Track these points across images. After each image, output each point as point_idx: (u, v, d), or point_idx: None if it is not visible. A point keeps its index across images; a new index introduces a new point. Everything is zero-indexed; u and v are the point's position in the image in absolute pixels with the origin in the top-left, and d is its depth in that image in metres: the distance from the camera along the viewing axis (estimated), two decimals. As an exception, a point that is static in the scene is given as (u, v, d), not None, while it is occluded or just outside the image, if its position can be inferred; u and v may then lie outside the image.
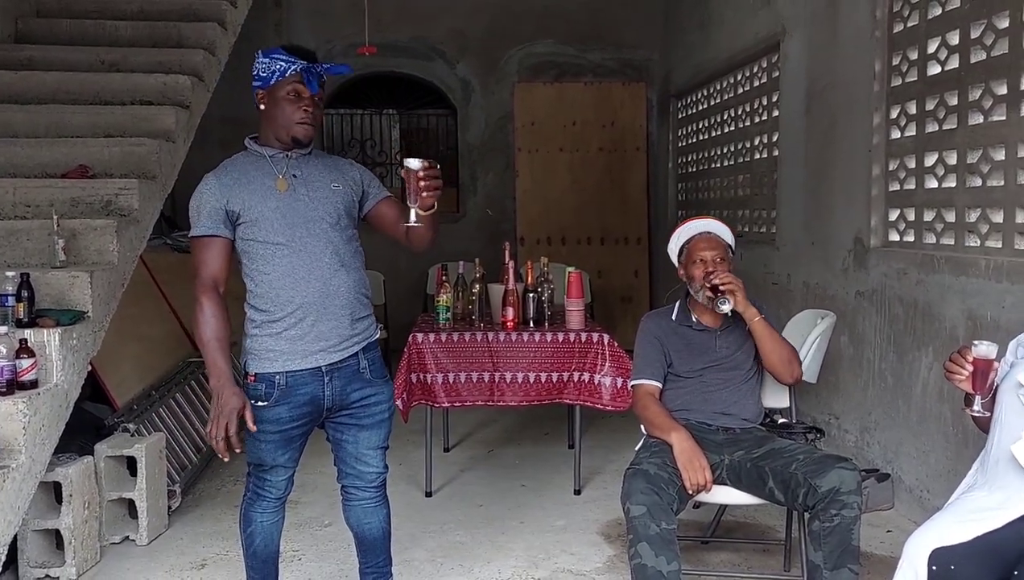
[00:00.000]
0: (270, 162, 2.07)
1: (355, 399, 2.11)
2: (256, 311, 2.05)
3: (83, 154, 3.33)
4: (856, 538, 2.10)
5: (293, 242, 2.02)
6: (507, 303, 3.38)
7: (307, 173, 2.08)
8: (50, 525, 2.67)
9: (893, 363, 3.28)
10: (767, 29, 4.43)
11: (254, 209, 2.01)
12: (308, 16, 6.43)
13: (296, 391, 2.03)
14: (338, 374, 2.07)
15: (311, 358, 2.03)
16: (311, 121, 2.05)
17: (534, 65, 6.64)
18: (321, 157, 2.16)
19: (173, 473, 3.26)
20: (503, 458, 3.97)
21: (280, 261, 2.02)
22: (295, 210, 2.03)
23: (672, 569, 2.05)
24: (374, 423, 2.15)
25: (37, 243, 2.89)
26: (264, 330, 2.04)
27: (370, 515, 2.23)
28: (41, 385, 2.51)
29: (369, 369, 2.13)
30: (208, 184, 2.05)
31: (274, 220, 2.02)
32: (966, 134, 2.92)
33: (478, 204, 6.78)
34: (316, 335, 2.03)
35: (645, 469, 2.17)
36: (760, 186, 4.74)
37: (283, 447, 2.07)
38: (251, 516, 2.15)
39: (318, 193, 2.07)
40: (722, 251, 2.47)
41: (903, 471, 3.21)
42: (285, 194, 2.03)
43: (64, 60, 3.87)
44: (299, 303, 2.02)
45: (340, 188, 2.10)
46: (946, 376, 1.81)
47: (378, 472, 2.19)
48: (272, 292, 2.03)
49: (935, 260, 3.02)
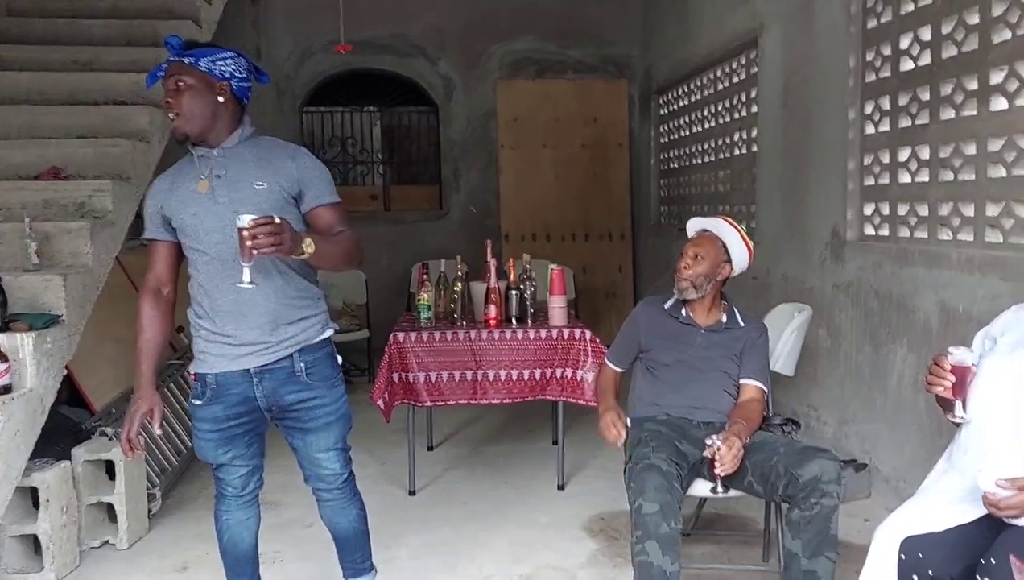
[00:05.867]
0: (197, 163, 2.01)
1: (292, 401, 2.05)
2: (192, 313, 2.07)
3: (56, 155, 3.29)
4: (835, 527, 2.12)
5: (210, 248, 1.98)
6: (489, 301, 3.37)
7: (233, 172, 1.98)
8: (28, 530, 2.65)
9: (869, 355, 3.32)
10: (745, 25, 4.45)
11: (179, 214, 1.99)
12: (285, 13, 6.39)
13: (228, 391, 2.04)
14: (269, 376, 2.03)
15: (239, 361, 2.02)
16: (176, 111, 1.94)
17: (515, 61, 6.63)
18: (257, 149, 2.02)
19: (153, 476, 3.24)
20: (487, 456, 3.97)
21: (202, 267, 2.01)
22: (213, 214, 1.96)
23: (674, 570, 2.07)
24: (319, 426, 2.09)
25: (9, 246, 2.85)
26: (197, 332, 2.06)
27: (339, 514, 2.23)
28: (15, 390, 2.48)
29: (306, 371, 2.05)
30: (151, 189, 2.09)
31: (194, 225, 1.97)
32: (938, 129, 2.95)
33: (461, 201, 6.77)
34: (239, 339, 2.01)
35: (657, 464, 2.15)
36: (740, 181, 4.77)
37: (224, 445, 2.07)
38: (217, 514, 2.18)
39: (239, 194, 1.96)
40: (704, 249, 2.47)
41: (880, 461, 3.25)
42: (204, 197, 1.97)
43: (37, 60, 3.82)
44: (218, 309, 2.00)
45: (265, 187, 1.96)
46: (927, 389, 1.79)
47: (335, 473, 2.15)
48: (199, 296, 2.03)
49: (909, 253, 3.06)
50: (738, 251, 2.49)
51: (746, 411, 2.41)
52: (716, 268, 2.48)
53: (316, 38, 6.30)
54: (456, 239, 6.37)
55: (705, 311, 2.53)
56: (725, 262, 2.50)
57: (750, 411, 2.42)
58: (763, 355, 2.55)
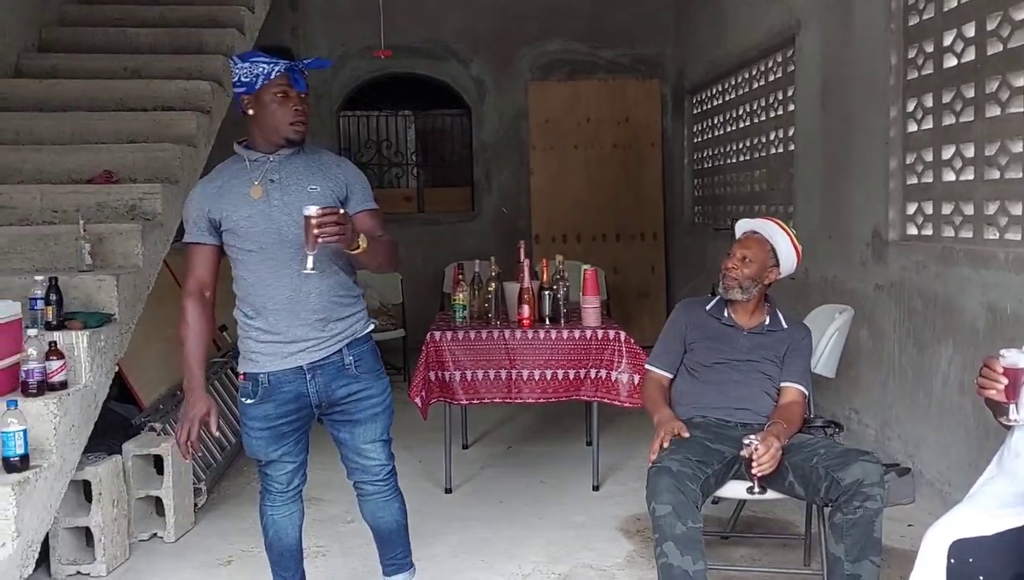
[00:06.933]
0: (249, 168, 2.07)
1: (343, 395, 2.12)
2: (241, 314, 2.12)
3: (107, 160, 3.40)
4: (878, 530, 2.10)
5: (264, 249, 2.03)
6: (523, 301, 3.40)
7: (286, 176, 2.06)
8: (80, 523, 2.73)
9: (913, 356, 3.27)
10: (781, 23, 4.42)
11: (230, 218, 2.04)
12: (323, 20, 6.49)
13: (280, 389, 2.08)
14: (321, 371, 2.09)
15: (291, 358, 2.07)
16: (303, 119, 2.04)
17: (547, 63, 6.65)
18: (308, 156, 2.11)
19: (199, 471, 3.32)
20: (522, 455, 3.99)
21: (253, 267, 2.06)
22: (267, 217, 2.03)
23: (698, 568, 2.06)
24: (367, 418, 2.15)
25: (64, 247, 2.95)
26: (247, 333, 2.11)
27: (382, 509, 2.26)
28: (70, 386, 2.57)
29: (355, 364, 2.12)
30: (195, 192, 2.12)
31: (247, 228, 2.03)
32: (984, 126, 2.91)
33: (493, 203, 6.81)
34: (291, 337, 2.06)
35: (668, 466, 2.16)
36: (777, 181, 4.73)
37: (274, 442, 2.12)
38: (263, 510, 2.23)
39: (292, 197, 2.03)
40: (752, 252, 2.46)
41: (924, 465, 3.20)
42: (259, 201, 2.03)
43: (88, 68, 3.95)
44: (271, 308, 2.05)
45: (318, 190, 2.05)
46: (978, 391, 1.76)
47: (381, 464, 2.21)
48: (250, 297, 2.08)
49: (954, 253, 3.01)
50: (787, 255, 2.47)
51: (786, 413, 2.40)
52: (764, 271, 2.46)
53: (353, 43, 6.39)
54: (488, 240, 6.40)
55: (748, 313, 2.52)
56: (773, 266, 2.47)
57: (790, 413, 2.40)
58: (805, 358, 2.53)
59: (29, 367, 2.46)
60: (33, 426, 2.39)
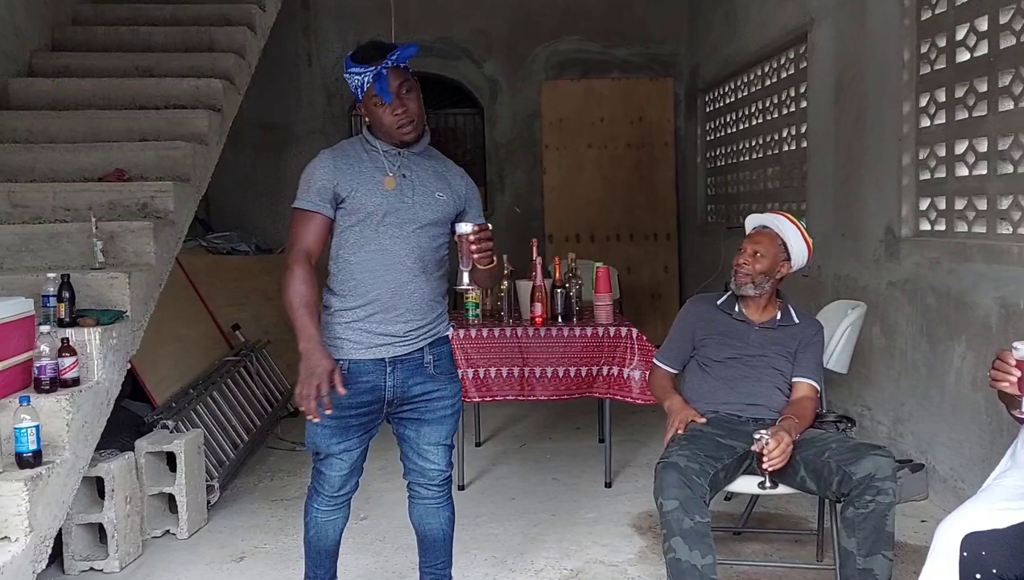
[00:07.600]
0: (383, 157, 2.06)
1: (417, 393, 2.10)
2: (332, 295, 2.07)
3: (119, 158, 3.42)
4: (891, 525, 2.08)
5: (382, 239, 2.02)
6: (535, 299, 3.40)
7: (417, 176, 2.06)
8: (93, 519, 2.74)
9: (926, 353, 3.24)
10: (795, 20, 4.39)
11: (359, 199, 2.01)
12: (335, 19, 6.50)
13: (358, 379, 2.04)
14: (401, 366, 2.07)
15: (375, 350, 2.04)
16: (408, 118, 2.01)
17: (560, 62, 6.64)
18: (434, 159, 2.14)
19: (211, 468, 3.33)
20: (534, 452, 3.99)
21: (364, 253, 2.02)
22: (396, 210, 2.02)
23: (707, 563, 2.05)
24: (436, 418, 2.13)
25: (77, 245, 2.97)
26: (335, 318, 2.05)
27: (432, 516, 2.21)
28: (83, 383, 2.58)
29: (434, 364, 2.11)
30: (323, 161, 2.05)
31: (373, 215, 2.01)
32: (997, 121, 2.87)
33: (506, 202, 6.81)
34: (382, 330, 2.04)
35: (675, 462, 2.15)
36: (790, 178, 4.70)
37: (339, 434, 2.07)
38: (308, 507, 2.19)
39: (422, 199, 2.05)
40: (763, 247, 2.45)
41: (937, 461, 3.17)
42: (391, 192, 2.02)
43: (100, 67, 3.98)
44: (371, 298, 2.03)
45: (444, 199, 2.08)
46: (991, 384, 1.75)
47: (439, 469, 2.17)
48: (351, 280, 2.04)
49: (967, 248, 2.98)
50: (797, 248, 2.46)
51: (798, 408, 2.38)
52: (775, 266, 2.45)
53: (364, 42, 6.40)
54: (501, 239, 6.31)
55: (760, 308, 2.51)
56: (785, 260, 2.46)
57: (802, 408, 2.38)
58: (818, 354, 2.51)
59: (42, 363, 2.47)
60: (46, 422, 2.40)
